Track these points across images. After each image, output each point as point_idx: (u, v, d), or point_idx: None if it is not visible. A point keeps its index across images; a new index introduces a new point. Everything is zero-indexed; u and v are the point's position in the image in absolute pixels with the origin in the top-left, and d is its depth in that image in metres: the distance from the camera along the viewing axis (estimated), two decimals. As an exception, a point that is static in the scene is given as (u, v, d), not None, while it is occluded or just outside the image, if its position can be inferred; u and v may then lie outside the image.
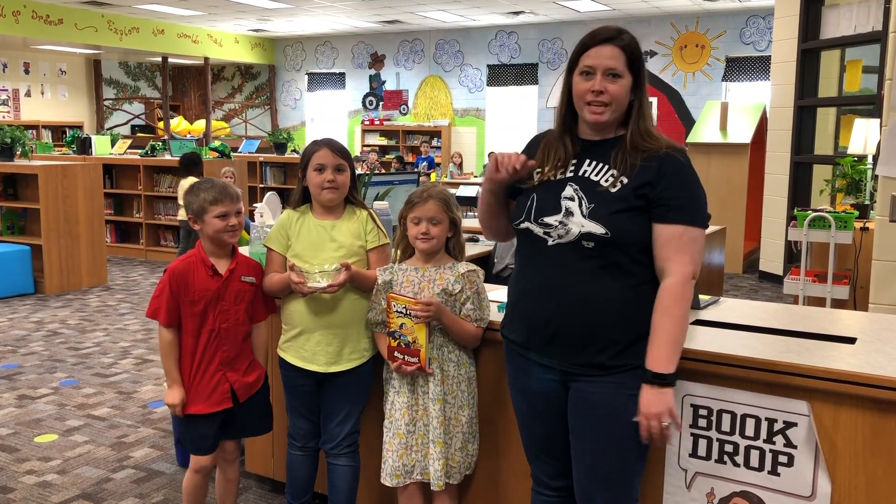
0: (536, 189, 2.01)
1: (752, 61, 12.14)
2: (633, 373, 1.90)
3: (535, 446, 2.14)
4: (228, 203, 2.47)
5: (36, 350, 5.23)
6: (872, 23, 6.57)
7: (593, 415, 1.95)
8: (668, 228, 1.88)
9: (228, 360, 2.50)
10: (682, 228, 1.88)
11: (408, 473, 2.39)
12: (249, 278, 2.54)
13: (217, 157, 9.04)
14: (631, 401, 1.89)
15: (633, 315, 1.91)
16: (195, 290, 2.44)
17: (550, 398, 2.03)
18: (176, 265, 2.49)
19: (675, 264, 1.87)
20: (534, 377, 2.04)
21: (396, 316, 2.32)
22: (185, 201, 2.52)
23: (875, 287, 3.86)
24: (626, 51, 1.92)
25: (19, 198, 7.38)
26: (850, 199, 5.94)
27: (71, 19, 12.51)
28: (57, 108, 15.24)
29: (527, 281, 2.03)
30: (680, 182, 1.89)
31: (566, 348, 1.95)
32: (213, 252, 2.50)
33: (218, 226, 2.46)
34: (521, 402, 2.13)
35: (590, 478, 1.98)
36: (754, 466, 2.07)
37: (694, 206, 1.90)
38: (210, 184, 2.50)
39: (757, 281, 7.97)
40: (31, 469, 3.38)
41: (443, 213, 2.36)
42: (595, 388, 1.94)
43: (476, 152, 14.47)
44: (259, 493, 3.14)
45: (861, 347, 2.16)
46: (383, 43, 15.35)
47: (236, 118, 17.26)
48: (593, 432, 1.96)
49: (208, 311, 2.45)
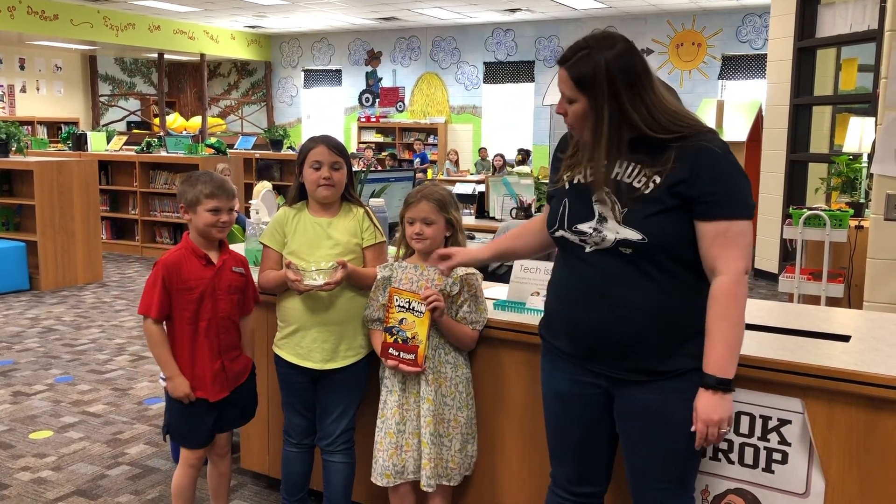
0: (568, 193, 1.93)
1: (749, 59, 12.16)
2: (683, 377, 1.82)
3: (562, 448, 2.05)
4: (223, 199, 2.46)
5: (31, 346, 5.22)
6: (868, 21, 6.57)
7: (644, 420, 1.88)
8: (711, 226, 1.78)
9: (226, 349, 2.50)
10: (726, 224, 1.78)
11: (398, 474, 2.38)
12: (239, 269, 2.55)
13: (213, 153, 9.02)
14: (683, 405, 1.82)
15: (680, 318, 1.83)
16: (190, 279, 2.44)
17: (589, 403, 1.96)
18: (167, 257, 2.47)
19: (726, 261, 1.78)
20: (574, 381, 1.96)
21: (398, 311, 2.31)
22: (180, 190, 2.51)
23: (870, 285, 3.87)
24: (571, 72, 1.79)
25: (14, 194, 7.35)
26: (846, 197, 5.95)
27: (66, 15, 12.47)
28: (52, 104, 15.20)
29: (568, 287, 1.95)
30: (717, 175, 1.78)
31: (612, 356, 1.87)
32: (201, 245, 2.50)
33: (209, 220, 2.45)
34: (555, 404, 2.04)
35: (644, 480, 1.93)
36: (749, 464, 2.08)
37: (735, 198, 1.79)
38: (208, 177, 2.49)
39: (752, 279, 7.99)
40: (25, 465, 3.38)
41: (436, 214, 2.36)
42: (644, 394, 1.86)
43: (472, 150, 14.46)
44: (254, 490, 3.14)
45: (855, 345, 2.17)
46: (380, 40, 15.34)
47: (232, 115, 17.22)
48: (644, 437, 1.89)
49: (205, 300, 2.45)
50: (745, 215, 1.80)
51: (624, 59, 1.78)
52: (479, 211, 5.40)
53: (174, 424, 2.55)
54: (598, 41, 1.79)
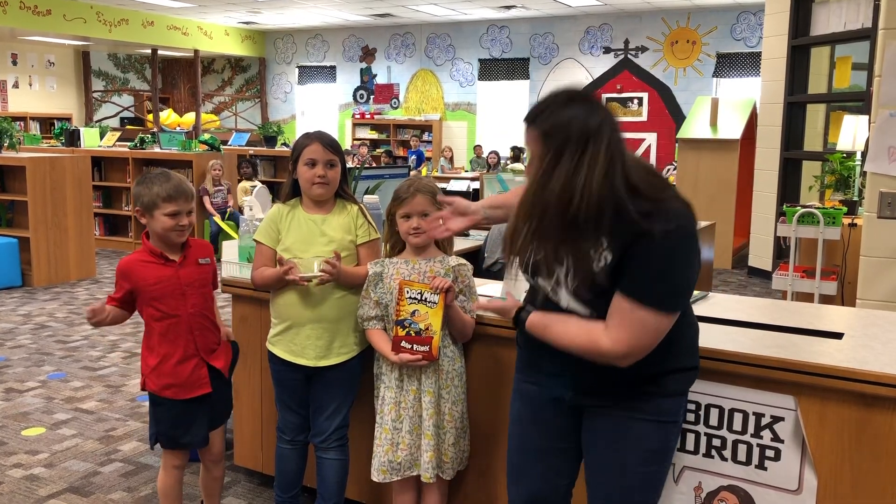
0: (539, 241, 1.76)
1: (743, 57, 12.18)
2: (645, 398, 1.80)
3: (526, 461, 1.98)
4: (182, 202, 2.38)
5: (23, 343, 5.20)
6: (862, 20, 6.59)
7: (605, 443, 1.85)
8: (618, 297, 1.68)
9: (204, 349, 2.48)
10: (630, 304, 1.66)
11: (394, 470, 2.38)
12: (205, 260, 2.50)
13: (206, 149, 9.00)
14: (642, 425, 1.80)
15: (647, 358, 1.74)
16: (149, 279, 2.40)
17: (558, 413, 1.93)
18: (122, 263, 2.44)
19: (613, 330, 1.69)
20: (545, 389, 1.93)
21: (409, 303, 2.29)
22: (135, 192, 2.41)
23: (863, 283, 3.88)
24: (539, 128, 1.67)
25: (7, 190, 7.32)
26: (839, 195, 5.97)
27: (59, 10, 12.41)
28: (45, 100, 15.13)
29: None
30: (649, 259, 1.65)
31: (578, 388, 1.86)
32: (159, 246, 2.44)
33: (167, 224, 2.37)
34: (522, 410, 1.99)
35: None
36: (741, 461, 2.08)
37: (653, 284, 1.66)
38: (165, 177, 2.39)
39: (746, 276, 8.01)
40: (18, 462, 3.37)
41: (431, 206, 2.35)
42: (606, 418, 1.84)
43: (467, 147, 14.45)
44: (248, 487, 3.14)
45: (848, 343, 2.17)
46: (374, 36, 15.31)
47: (226, 111, 17.17)
48: (604, 461, 1.87)
49: (169, 299, 2.40)
50: (655, 304, 1.66)
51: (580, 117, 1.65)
52: (474, 208, 5.41)
53: (163, 431, 2.50)
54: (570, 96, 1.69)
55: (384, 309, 2.40)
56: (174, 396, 2.45)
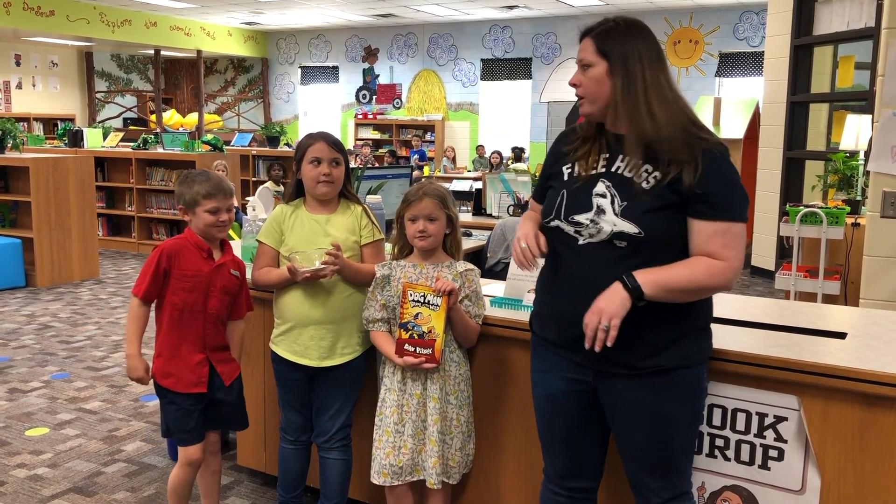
0: (567, 185, 1.92)
1: (746, 57, 12.17)
2: (665, 375, 1.85)
3: (553, 443, 2.06)
4: (222, 198, 2.46)
5: (27, 343, 5.21)
6: (865, 19, 6.58)
7: (635, 417, 1.89)
8: (710, 225, 1.78)
9: (212, 347, 2.50)
10: (726, 225, 1.79)
11: (396, 475, 2.37)
12: (236, 272, 2.55)
13: (209, 150, 9.01)
14: (672, 402, 1.86)
15: (668, 317, 1.83)
16: (187, 268, 2.44)
17: (578, 401, 1.97)
18: (167, 244, 2.48)
19: (724, 255, 1.79)
20: (561, 374, 1.97)
21: (412, 305, 2.28)
22: (178, 191, 2.50)
23: (866, 282, 3.87)
24: (596, 38, 1.83)
25: (10, 190, 7.33)
26: (842, 194, 5.95)
27: (62, 11, 12.43)
28: (48, 101, 15.15)
29: (557, 279, 1.96)
30: (720, 178, 1.79)
31: (590, 360, 1.87)
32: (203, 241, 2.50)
33: (208, 220, 2.45)
34: (545, 402, 2.05)
35: (638, 469, 1.95)
36: (745, 461, 2.08)
37: (736, 201, 1.81)
38: (205, 176, 2.48)
39: (749, 276, 8.00)
40: (22, 462, 3.37)
41: (439, 210, 2.34)
42: (631, 391, 1.87)
43: (469, 146, 14.45)
44: (251, 487, 3.14)
45: (851, 342, 2.17)
46: (377, 36, 15.31)
47: (229, 111, 17.19)
48: (637, 433, 1.91)
49: (197, 293, 2.44)
50: (744, 218, 1.83)
51: (648, 38, 1.84)
52: (477, 208, 5.44)
53: (169, 422, 2.54)
54: (625, 20, 1.85)
55: (391, 312, 2.39)
56: (172, 388, 2.48)
